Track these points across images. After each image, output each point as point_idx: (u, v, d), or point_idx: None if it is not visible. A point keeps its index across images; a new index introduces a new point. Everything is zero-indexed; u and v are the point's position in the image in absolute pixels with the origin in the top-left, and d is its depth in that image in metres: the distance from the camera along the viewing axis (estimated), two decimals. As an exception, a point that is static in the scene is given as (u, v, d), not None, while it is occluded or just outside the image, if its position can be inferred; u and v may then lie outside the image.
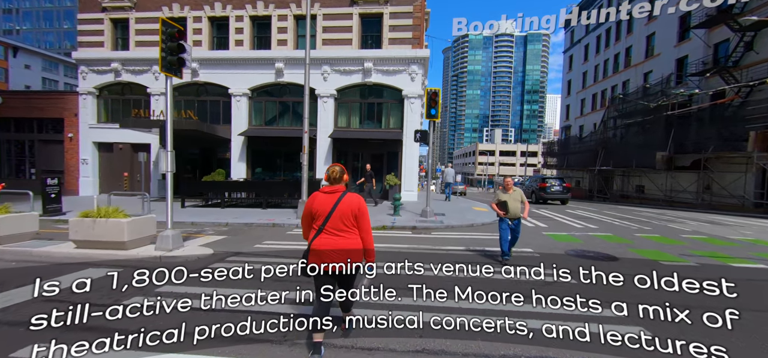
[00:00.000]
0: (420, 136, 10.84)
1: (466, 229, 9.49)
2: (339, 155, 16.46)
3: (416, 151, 15.87)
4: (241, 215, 10.98)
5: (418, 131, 10.99)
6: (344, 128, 16.39)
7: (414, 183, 15.84)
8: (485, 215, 11.88)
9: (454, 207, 14.56)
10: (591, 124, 38.18)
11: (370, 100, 16.26)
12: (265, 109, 16.93)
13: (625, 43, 33.00)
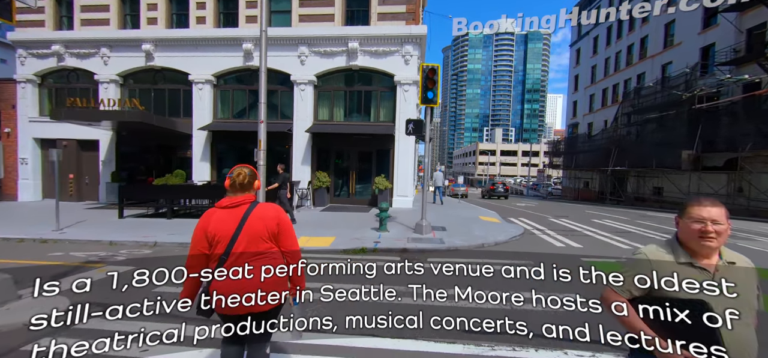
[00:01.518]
0: (412, 127, 8.30)
1: (477, 253, 6.96)
2: (319, 154, 13.91)
3: (411, 148, 13.31)
4: (185, 229, 8.41)
5: (411, 121, 8.44)
6: (326, 121, 13.83)
7: (409, 187, 13.28)
8: (496, 230, 9.34)
9: (454, 216, 12.00)
10: (601, 122, 35.67)
11: (356, 88, 13.71)
12: (233, 98, 14.36)
13: (639, 33, 30.46)
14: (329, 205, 13.48)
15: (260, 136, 7.98)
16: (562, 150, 42.14)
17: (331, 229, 8.83)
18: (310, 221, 10.11)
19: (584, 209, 19.01)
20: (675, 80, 24.21)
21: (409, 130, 8.34)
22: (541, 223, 11.66)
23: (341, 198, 13.85)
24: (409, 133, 8.37)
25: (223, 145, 14.42)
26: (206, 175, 14.12)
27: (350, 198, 13.74)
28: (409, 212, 12.23)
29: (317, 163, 13.80)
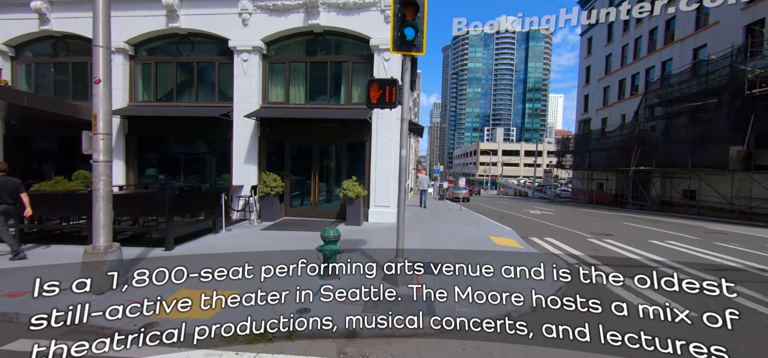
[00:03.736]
0: (379, 94, 4.65)
1: (503, 338, 3.31)
2: (270, 148, 10.25)
3: (395, 141, 9.64)
4: None
5: (377, 84, 4.79)
6: (279, 104, 10.17)
7: (391, 193, 9.61)
8: (522, 267, 5.65)
9: (451, 236, 8.34)
10: (617, 116, 31.99)
11: (320, 58, 10.05)
12: (157, 74, 10.70)
13: (664, 15, 26.66)
14: (282, 219, 9.82)
15: (98, 109, 4.34)
16: (571, 148, 38.53)
17: (245, 270, 5.19)
18: (225, 248, 6.46)
19: (616, 219, 15.32)
20: (715, 65, 20.56)
21: (374, 99, 4.71)
22: (581, 247, 8.01)
23: (299, 209, 10.18)
24: (376, 103, 4.74)
25: (144, 137, 10.76)
26: (120, 176, 10.47)
27: (312, 209, 10.09)
28: (390, 230, 8.55)
29: (267, 162, 10.15)
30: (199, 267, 5.33)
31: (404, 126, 4.68)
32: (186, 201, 7.50)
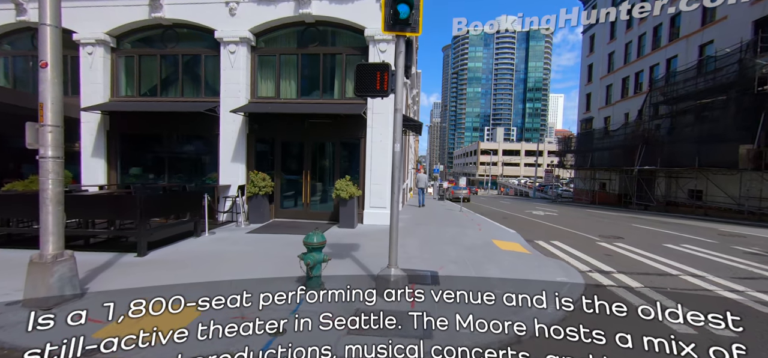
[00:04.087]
0: (371, 81, 4.07)
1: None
2: (259, 146, 9.68)
3: (391, 136, 9.06)
4: None
5: (366, 66, 4.20)
6: (269, 99, 9.59)
7: (387, 193, 9.03)
8: (531, 276, 5.11)
9: (451, 240, 7.77)
10: (621, 115, 31.41)
11: (312, 50, 9.47)
12: (140, 68, 10.11)
13: (669, 11, 26.08)
14: (271, 221, 9.25)
15: (45, 96, 3.77)
16: (573, 148, 37.92)
17: (223, 276, 4.67)
18: (203, 255, 5.88)
19: (623, 220, 14.75)
20: (722, 61, 19.97)
21: (363, 86, 4.12)
22: (591, 251, 7.43)
23: (290, 211, 9.60)
24: (365, 90, 4.16)
25: (127, 135, 10.18)
26: (101, 176, 9.89)
27: (304, 210, 9.51)
28: (385, 233, 7.95)
29: (256, 160, 9.56)
30: (170, 277, 4.75)
31: (398, 118, 4.09)
32: (164, 202, 6.92)
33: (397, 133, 4.10)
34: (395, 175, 4.13)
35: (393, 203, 4.10)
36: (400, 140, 4.14)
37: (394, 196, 4.12)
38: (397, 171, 4.14)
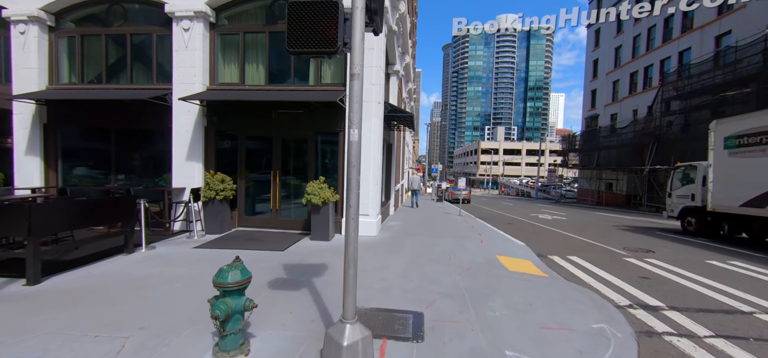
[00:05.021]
0: (311, 26, 2.60)
1: None
2: (219, 141, 8.18)
3: (377, 133, 7.55)
4: None
5: (300, 4, 2.73)
6: (231, 86, 8.10)
7: (372, 199, 7.54)
8: (557, 324, 3.59)
9: (446, 257, 6.31)
10: (628, 112, 29.91)
11: (282, 28, 7.97)
12: (83, 50, 8.63)
13: (679, 2, 24.60)
14: (233, 230, 7.77)
15: None
16: (577, 147, 36.40)
17: (120, 322, 3.18)
18: (116, 285, 4.42)
19: (641, 225, 13.28)
20: (744, 51, 18.47)
21: (299, 37, 2.67)
22: (621, 272, 5.98)
23: (257, 218, 8.12)
24: (301, 43, 2.71)
25: (69, 129, 8.71)
26: (36, 178, 8.42)
27: (273, 217, 8.02)
28: (368, 248, 6.52)
29: (215, 159, 8.08)
30: (36, 323, 3.28)
31: (355, 87, 2.63)
32: (84, 211, 5.43)
33: (356, 113, 2.62)
34: (352, 176, 2.65)
35: (349, 218, 2.63)
36: (360, 124, 2.67)
37: (352, 209, 2.65)
38: (354, 170, 2.67)
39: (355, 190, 2.66)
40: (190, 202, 7.16)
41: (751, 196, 8.75)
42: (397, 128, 13.05)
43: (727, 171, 9.68)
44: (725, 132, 9.88)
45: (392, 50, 10.51)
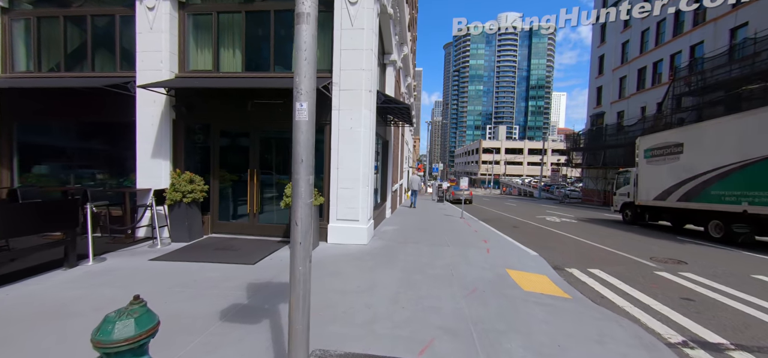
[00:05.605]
0: None
1: None
2: (189, 136, 7.23)
3: (366, 121, 6.58)
4: None
5: None
6: (204, 73, 7.15)
7: (362, 201, 6.57)
8: (578, 346, 2.59)
9: (448, 273, 5.37)
10: (636, 109, 28.87)
11: (259, 6, 7.01)
12: (40, 33, 7.69)
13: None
14: (204, 237, 6.83)
15: None
16: (582, 145, 35.36)
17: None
18: (28, 313, 3.47)
19: (659, 229, 12.31)
20: (763, 44, 17.42)
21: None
22: (659, 294, 5.06)
23: (232, 224, 7.17)
24: None
25: (26, 123, 7.77)
26: (-14, 177, 7.50)
27: (251, 223, 7.07)
28: (355, 261, 5.57)
29: (185, 155, 7.14)
30: None
31: (302, 34, 1.67)
32: (15, 218, 4.49)
33: (305, 78, 1.70)
34: (300, 176, 1.70)
35: (294, 242, 1.68)
36: (311, 96, 1.73)
37: (298, 228, 1.69)
38: (304, 167, 1.71)
39: (305, 198, 1.70)
40: (153, 205, 6.21)
41: (658, 192, 12.30)
42: (394, 124, 12.08)
43: (645, 174, 13.23)
44: (644, 145, 13.51)
45: (388, 37, 9.55)
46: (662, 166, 12.25)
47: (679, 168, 11.43)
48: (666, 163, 12.10)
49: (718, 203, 9.85)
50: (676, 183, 11.52)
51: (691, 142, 11.28)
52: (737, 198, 9.31)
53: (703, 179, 10.48)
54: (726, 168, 9.73)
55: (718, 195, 9.87)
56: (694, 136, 11.23)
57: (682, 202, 11.22)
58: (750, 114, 9.61)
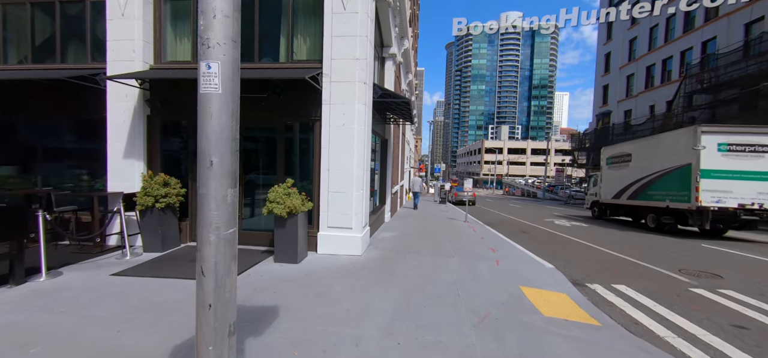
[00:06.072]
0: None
1: None
2: (165, 134, 6.55)
3: (360, 117, 5.86)
4: None
5: None
6: (183, 64, 6.46)
7: (357, 207, 5.86)
8: None
9: (444, 286, 4.66)
10: (645, 107, 28.03)
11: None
12: (5, 22, 7.04)
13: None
14: (180, 247, 6.17)
15: None
16: (588, 145, 34.50)
17: None
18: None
19: (676, 237, 11.56)
20: (782, 38, 16.62)
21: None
22: (703, 319, 4.30)
23: (212, 230, 6.47)
24: None
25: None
26: (-54, 179, 6.84)
27: (234, 229, 6.37)
28: (347, 277, 4.87)
29: (161, 155, 6.46)
30: None
31: None
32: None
33: (215, 23, 0.92)
34: (209, 182, 0.96)
35: (205, 298, 0.96)
36: (232, 47, 0.97)
37: (210, 260, 0.95)
38: (218, 158, 0.96)
39: (221, 227, 0.99)
40: (121, 211, 5.52)
41: (615, 192, 15.07)
42: (394, 122, 11.38)
43: (606, 178, 16.15)
44: (606, 154, 16.55)
45: (387, 28, 8.85)
46: (618, 171, 15.08)
47: (629, 173, 14.22)
48: (620, 169, 14.93)
49: (652, 201, 12.74)
50: (627, 185, 14.31)
51: (636, 153, 14.09)
52: (663, 197, 12.17)
53: (643, 182, 13.30)
54: (656, 174, 12.63)
55: (652, 194, 12.74)
56: (639, 148, 14.11)
57: (630, 200, 14.05)
58: (668, 134, 12.75)
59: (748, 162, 10.67)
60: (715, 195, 10.63)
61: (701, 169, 10.68)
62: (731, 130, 10.95)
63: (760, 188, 10.51)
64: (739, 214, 10.64)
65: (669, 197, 11.84)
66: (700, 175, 10.67)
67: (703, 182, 10.67)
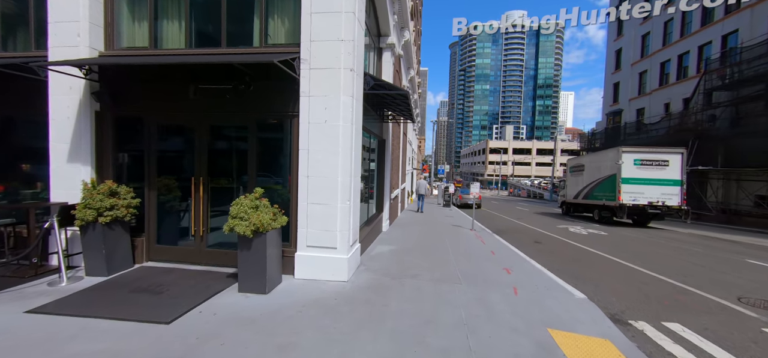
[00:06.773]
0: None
1: None
2: (118, 134, 5.53)
3: (349, 117, 4.81)
4: None
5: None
6: (137, 51, 5.44)
7: (340, 220, 4.80)
8: None
9: (450, 328, 3.54)
10: (659, 106, 26.66)
11: (208, -37, 5.30)
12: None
13: (725, -23, 21.36)
14: (138, 267, 5.15)
15: None
16: (598, 145, 33.14)
17: None
18: None
19: (710, 244, 10.39)
20: (815, 29, 15.32)
21: None
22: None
23: (175, 249, 5.46)
24: None
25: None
26: None
27: (197, 248, 5.35)
28: (326, 311, 3.80)
29: (112, 159, 5.45)
30: None
31: None
32: None
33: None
34: None
35: None
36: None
37: None
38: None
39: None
40: (54, 227, 4.53)
41: (574, 194, 19.69)
42: (393, 120, 10.32)
43: (569, 182, 20.94)
44: (569, 165, 21.52)
45: (384, 15, 7.80)
46: (576, 177, 19.71)
47: (583, 179, 18.64)
48: (578, 176, 19.53)
49: (596, 200, 16.96)
50: (581, 188, 18.77)
51: (587, 165, 18.78)
52: (601, 196, 16.35)
53: (590, 186, 17.71)
54: (597, 180, 17.06)
55: (596, 195, 16.96)
56: (588, 161, 18.89)
57: (584, 199, 18.32)
58: (604, 152, 17.72)
59: (655, 172, 14.91)
60: (632, 195, 14.73)
61: (622, 178, 14.82)
62: (643, 150, 15.37)
63: (663, 191, 14.77)
64: (647, 209, 14.84)
65: (605, 197, 16.01)
66: (622, 182, 14.82)
67: (623, 186, 14.82)
